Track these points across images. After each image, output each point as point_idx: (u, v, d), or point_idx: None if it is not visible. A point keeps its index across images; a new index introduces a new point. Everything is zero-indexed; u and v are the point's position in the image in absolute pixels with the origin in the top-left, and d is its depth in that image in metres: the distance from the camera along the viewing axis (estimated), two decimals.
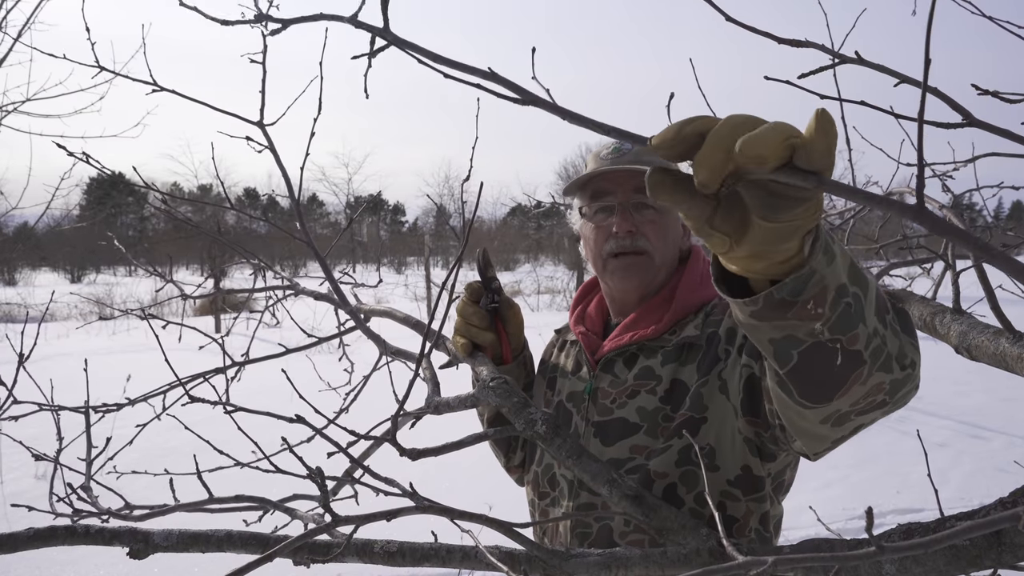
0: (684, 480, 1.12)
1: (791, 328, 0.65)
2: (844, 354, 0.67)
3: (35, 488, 5.05)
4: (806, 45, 0.86)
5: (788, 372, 0.71)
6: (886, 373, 0.71)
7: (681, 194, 0.54)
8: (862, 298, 0.66)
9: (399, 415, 0.80)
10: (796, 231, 0.57)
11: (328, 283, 1.48)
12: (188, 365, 1.39)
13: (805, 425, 0.81)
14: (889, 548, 0.44)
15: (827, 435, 0.83)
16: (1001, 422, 6.29)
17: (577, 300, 1.43)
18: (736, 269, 0.63)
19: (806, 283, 0.61)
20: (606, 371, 1.25)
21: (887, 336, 0.70)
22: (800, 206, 0.54)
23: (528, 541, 0.79)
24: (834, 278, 0.63)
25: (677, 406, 1.15)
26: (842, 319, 0.65)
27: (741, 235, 0.56)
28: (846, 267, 0.64)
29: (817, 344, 0.66)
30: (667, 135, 0.52)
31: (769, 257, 0.59)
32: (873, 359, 0.69)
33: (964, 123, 0.79)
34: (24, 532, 0.76)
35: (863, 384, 0.71)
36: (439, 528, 0.84)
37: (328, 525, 0.72)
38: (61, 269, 41.97)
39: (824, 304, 0.63)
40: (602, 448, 1.19)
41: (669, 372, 1.18)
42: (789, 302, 0.62)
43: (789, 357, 0.69)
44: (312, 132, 1.34)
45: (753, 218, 0.55)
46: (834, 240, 0.64)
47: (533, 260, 35.14)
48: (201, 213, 19.12)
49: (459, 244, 0.98)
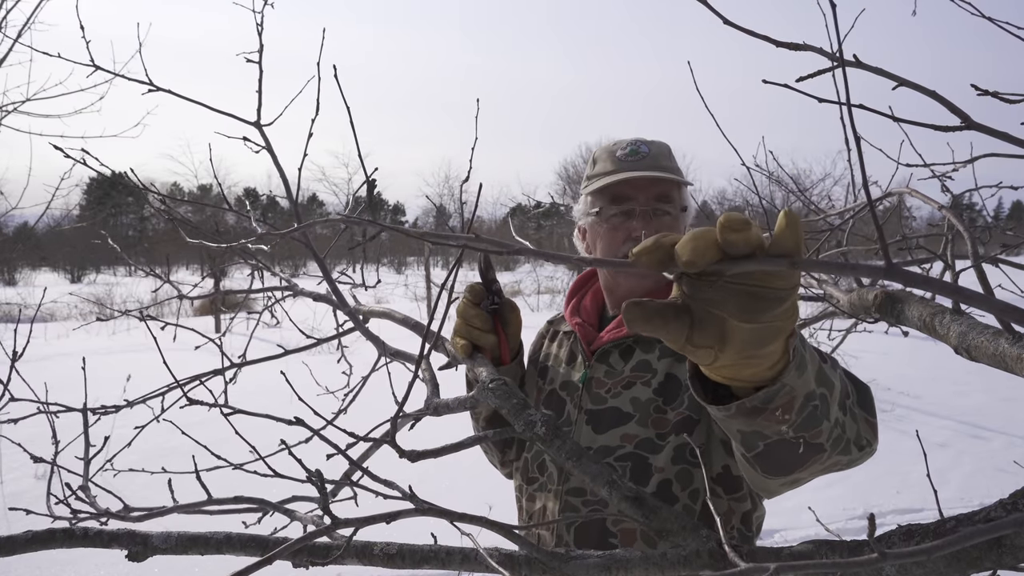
0: (679, 477, 1.15)
1: (759, 427, 0.71)
2: (806, 446, 0.74)
3: (35, 488, 5.05)
4: (804, 48, 0.86)
5: (753, 456, 0.78)
6: (844, 455, 0.80)
7: (656, 320, 0.56)
8: (828, 397, 0.73)
9: (398, 417, 0.80)
10: (778, 332, 0.58)
11: (327, 284, 1.47)
12: (187, 365, 1.39)
13: (763, 486, 0.90)
14: (891, 555, 0.44)
15: (783, 491, 0.92)
16: (1001, 422, 6.29)
17: (572, 293, 1.45)
18: (719, 378, 0.66)
19: (776, 394, 0.66)
20: (602, 361, 1.27)
21: (847, 423, 0.79)
22: (779, 306, 0.56)
23: (528, 543, 0.79)
24: (803, 387, 0.68)
25: (670, 400, 1.18)
26: (807, 421, 0.71)
27: (723, 344, 0.58)
28: (814, 372, 0.70)
29: (783, 440, 0.73)
30: (646, 244, 0.54)
31: (755, 364, 0.61)
32: (833, 447, 0.77)
33: (962, 126, 0.79)
34: (22, 535, 0.76)
35: (822, 464, 0.79)
36: (439, 530, 0.84)
37: (328, 527, 0.72)
38: (61, 269, 41.97)
39: (791, 411, 0.68)
40: (593, 436, 1.21)
41: (664, 366, 1.21)
42: (760, 408, 0.67)
43: (755, 446, 0.76)
44: (310, 132, 1.33)
45: (733, 323, 0.56)
46: (805, 348, 0.69)
47: (533, 260, 35.15)
48: (201, 213, 19.10)
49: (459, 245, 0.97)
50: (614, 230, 1.29)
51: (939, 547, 0.39)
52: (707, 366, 0.62)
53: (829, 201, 3.49)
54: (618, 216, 1.29)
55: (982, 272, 1.16)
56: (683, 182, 1.30)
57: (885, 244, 0.43)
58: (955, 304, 1.17)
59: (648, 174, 1.25)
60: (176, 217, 1.76)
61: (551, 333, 1.46)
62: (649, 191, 1.26)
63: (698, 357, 0.60)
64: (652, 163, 1.27)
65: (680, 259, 0.52)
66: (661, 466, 1.16)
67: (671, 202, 1.27)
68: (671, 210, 1.27)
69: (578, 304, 1.41)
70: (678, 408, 1.17)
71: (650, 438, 1.17)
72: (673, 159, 1.32)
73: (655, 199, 1.26)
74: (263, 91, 1.35)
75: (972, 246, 1.18)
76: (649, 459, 1.17)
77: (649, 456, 1.17)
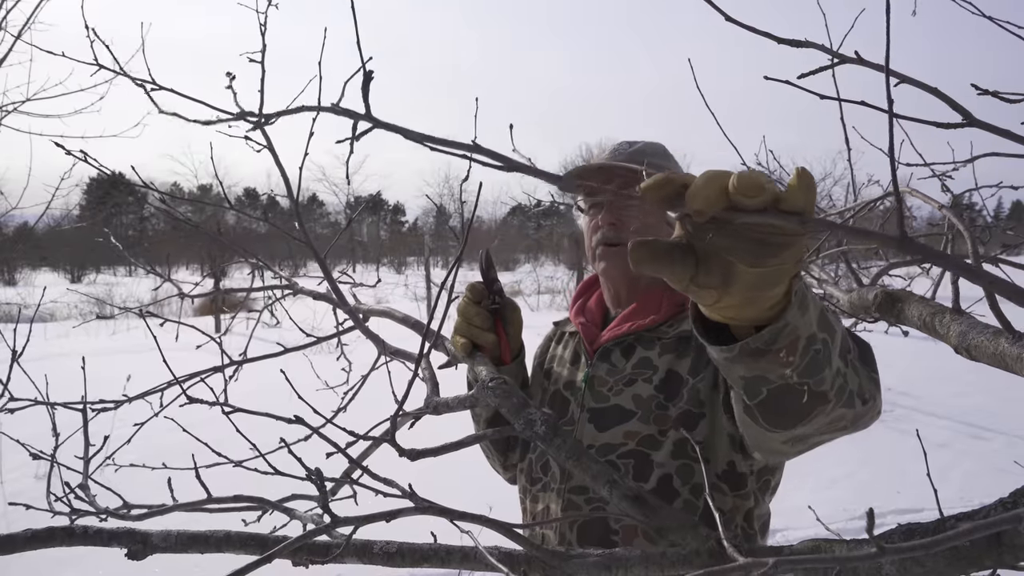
0: (680, 472, 1.15)
1: (762, 370, 0.69)
2: (810, 394, 0.72)
3: (35, 488, 5.04)
4: (805, 45, 0.86)
5: (756, 404, 0.76)
6: (848, 408, 0.77)
7: (662, 260, 0.56)
8: (830, 343, 0.71)
9: (398, 415, 0.80)
10: (783, 275, 0.58)
11: (327, 283, 1.47)
12: (187, 365, 1.39)
13: (766, 443, 0.87)
14: (890, 549, 0.44)
15: (786, 452, 0.89)
16: (1001, 422, 6.29)
17: (578, 295, 1.46)
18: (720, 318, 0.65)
19: (779, 334, 0.64)
20: (603, 360, 1.27)
21: (848, 375, 0.76)
22: (785, 250, 0.56)
23: (528, 542, 0.79)
24: (806, 328, 0.66)
25: (671, 396, 1.18)
26: (811, 365, 0.69)
27: (727, 285, 0.58)
28: (816, 316, 0.68)
29: (786, 385, 0.71)
30: (656, 178, 0.54)
31: (759, 304, 0.61)
32: (837, 397, 0.74)
33: (964, 123, 0.79)
34: (22, 533, 0.76)
35: (826, 416, 0.76)
36: (439, 529, 0.84)
37: (327, 526, 0.72)
38: (61, 269, 41.99)
39: (795, 352, 0.67)
40: (596, 434, 1.21)
41: (665, 363, 1.21)
42: (763, 350, 0.66)
43: (758, 392, 0.74)
44: (311, 132, 1.33)
45: (739, 267, 0.56)
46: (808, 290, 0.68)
47: (533, 260, 35.14)
48: (201, 213, 19.11)
49: (459, 244, 0.97)
50: (591, 223, 1.33)
51: (938, 542, 0.39)
52: (709, 306, 0.62)
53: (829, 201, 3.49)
54: (594, 209, 1.32)
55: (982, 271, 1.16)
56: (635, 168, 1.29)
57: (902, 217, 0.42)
58: (955, 304, 1.17)
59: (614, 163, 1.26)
60: (177, 218, 1.76)
61: (558, 335, 1.46)
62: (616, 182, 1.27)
63: (701, 297, 0.60)
64: (627, 159, 1.28)
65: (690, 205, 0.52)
66: (661, 461, 1.15)
67: None
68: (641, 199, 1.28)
69: (583, 305, 1.42)
70: (678, 403, 1.17)
71: (652, 435, 1.17)
72: (662, 157, 1.32)
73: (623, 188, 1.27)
74: (265, 89, 1.35)
75: (972, 246, 1.18)
76: (650, 455, 1.17)
77: (651, 452, 1.17)
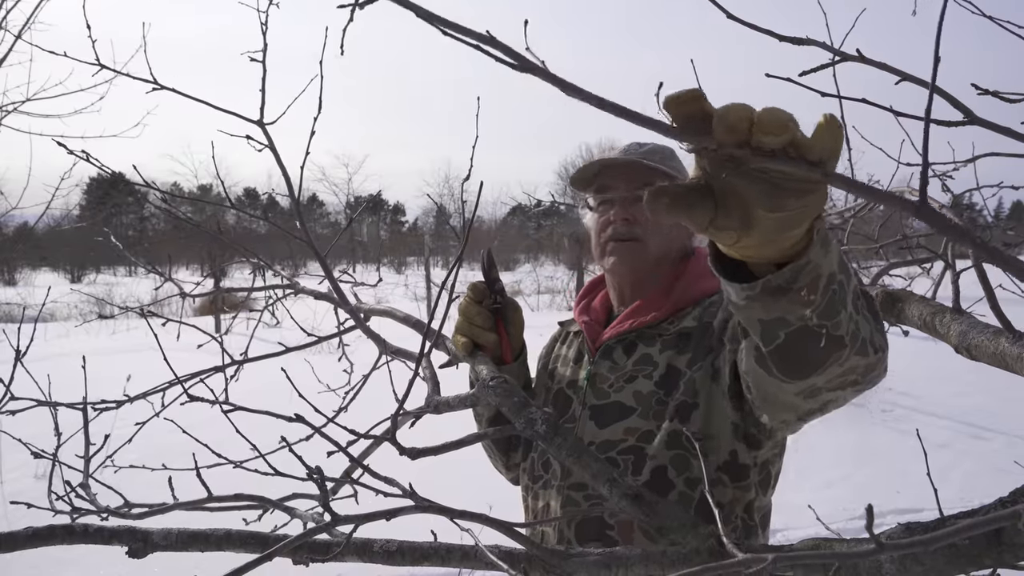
0: (674, 463, 1.15)
1: (782, 311, 0.68)
2: (828, 338, 0.70)
3: (35, 488, 5.04)
4: (807, 43, 0.86)
5: (772, 350, 0.74)
6: (862, 357, 0.75)
7: (680, 205, 0.55)
8: (845, 285, 0.69)
9: (399, 414, 0.80)
10: (804, 218, 0.57)
11: (328, 282, 1.47)
12: (187, 364, 1.39)
13: (779, 397, 0.85)
14: (889, 546, 0.44)
15: (799, 406, 0.86)
16: (1001, 422, 6.28)
17: (583, 295, 1.46)
18: (739, 256, 0.64)
19: (801, 271, 0.63)
20: (605, 357, 1.28)
21: (860, 321, 0.74)
22: (807, 196, 0.55)
23: (528, 540, 0.79)
24: (828, 266, 0.65)
25: (671, 390, 1.18)
26: (829, 306, 0.67)
27: (747, 227, 0.57)
28: (836, 255, 0.67)
29: (804, 327, 0.69)
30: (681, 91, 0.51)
31: (779, 243, 0.60)
32: (851, 342, 0.73)
33: (966, 121, 0.79)
34: (23, 531, 0.76)
35: (840, 365, 0.75)
36: (439, 527, 0.84)
37: (328, 524, 0.72)
38: (61, 269, 41.99)
39: (816, 291, 0.65)
40: (596, 431, 1.21)
41: (666, 359, 1.21)
42: (784, 288, 0.64)
43: (776, 336, 0.72)
44: (312, 131, 1.33)
45: (758, 211, 0.55)
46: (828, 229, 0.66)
47: (533, 260, 35.14)
48: (201, 213, 19.12)
49: (459, 244, 0.97)
50: (600, 219, 1.32)
51: (937, 539, 0.39)
52: (729, 246, 0.62)
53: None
54: (605, 205, 1.31)
55: (983, 272, 1.16)
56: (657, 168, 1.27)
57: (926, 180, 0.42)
58: (955, 303, 1.17)
59: (628, 159, 1.26)
60: (179, 216, 1.76)
61: (563, 335, 1.47)
62: (630, 180, 1.27)
63: (720, 238, 0.60)
64: (636, 154, 1.28)
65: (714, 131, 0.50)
66: (654, 453, 1.15)
67: None
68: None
69: (587, 305, 1.42)
70: (673, 393, 1.17)
71: (650, 430, 1.18)
72: (669, 157, 1.32)
73: (637, 187, 1.26)
74: (266, 89, 1.35)
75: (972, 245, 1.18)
76: (645, 449, 1.17)
77: (646, 447, 1.17)
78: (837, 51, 0.83)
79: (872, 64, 0.76)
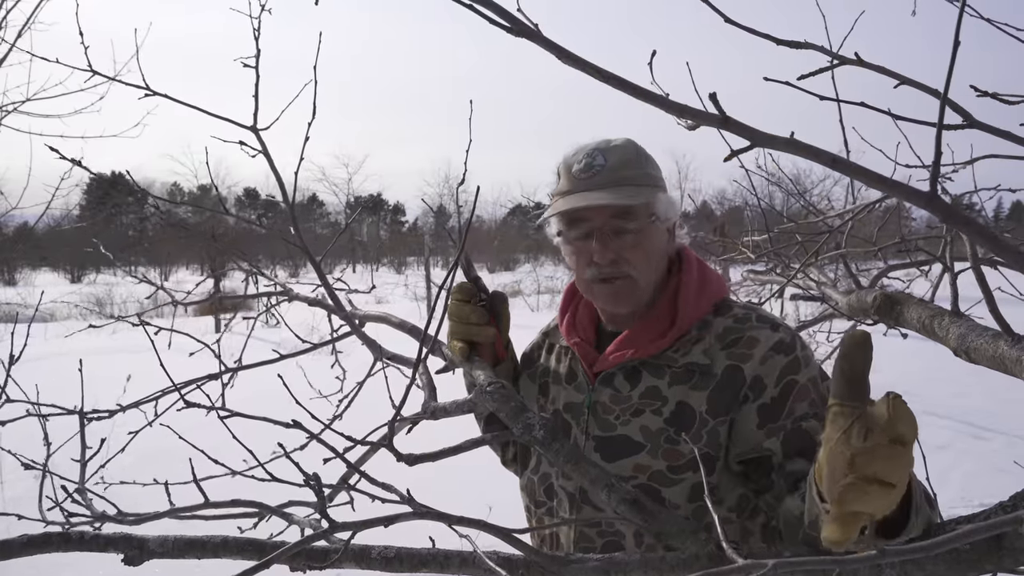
0: (696, 515, 1.13)
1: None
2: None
3: (35, 489, 5.03)
4: (805, 46, 0.85)
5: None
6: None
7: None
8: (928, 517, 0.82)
9: (396, 420, 0.79)
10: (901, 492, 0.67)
11: (323, 288, 1.47)
12: (184, 369, 1.38)
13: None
14: (890, 551, 0.44)
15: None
16: (1001, 422, 6.28)
17: (564, 307, 1.38)
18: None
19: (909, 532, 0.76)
20: (606, 385, 1.23)
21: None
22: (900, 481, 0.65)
23: (526, 546, 0.78)
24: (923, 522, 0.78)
25: (682, 429, 1.15)
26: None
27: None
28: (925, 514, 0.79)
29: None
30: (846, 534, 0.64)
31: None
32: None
33: (965, 124, 0.79)
34: (18, 539, 0.76)
35: None
36: (437, 534, 0.83)
37: (325, 531, 0.71)
38: (61, 269, 41.96)
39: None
40: (603, 463, 1.18)
41: (676, 394, 1.16)
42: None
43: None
44: (306, 137, 1.33)
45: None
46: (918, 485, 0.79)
47: (533, 260, 35.11)
48: (201, 213, 19.11)
49: (456, 247, 0.97)
50: (578, 253, 1.24)
51: (937, 544, 0.39)
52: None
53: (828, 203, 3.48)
54: (579, 239, 1.23)
55: (981, 274, 1.16)
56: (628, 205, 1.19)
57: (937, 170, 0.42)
58: (954, 306, 1.16)
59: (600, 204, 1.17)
60: (173, 223, 1.76)
61: (548, 345, 1.40)
62: (605, 210, 1.19)
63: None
64: (608, 177, 1.19)
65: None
66: (678, 503, 1.14)
67: (633, 217, 1.19)
68: (631, 226, 1.19)
69: (573, 320, 1.34)
70: (696, 443, 1.13)
71: (662, 470, 1.15)
72: (639, 164, 1.22)
73: (613, 217, 1.19)
74: (259, 94, 1.34)
75: (971, 248, 1.18)
76: (662, 492, 1.14)
77: (662, 489, 1.15)
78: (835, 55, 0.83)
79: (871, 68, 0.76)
